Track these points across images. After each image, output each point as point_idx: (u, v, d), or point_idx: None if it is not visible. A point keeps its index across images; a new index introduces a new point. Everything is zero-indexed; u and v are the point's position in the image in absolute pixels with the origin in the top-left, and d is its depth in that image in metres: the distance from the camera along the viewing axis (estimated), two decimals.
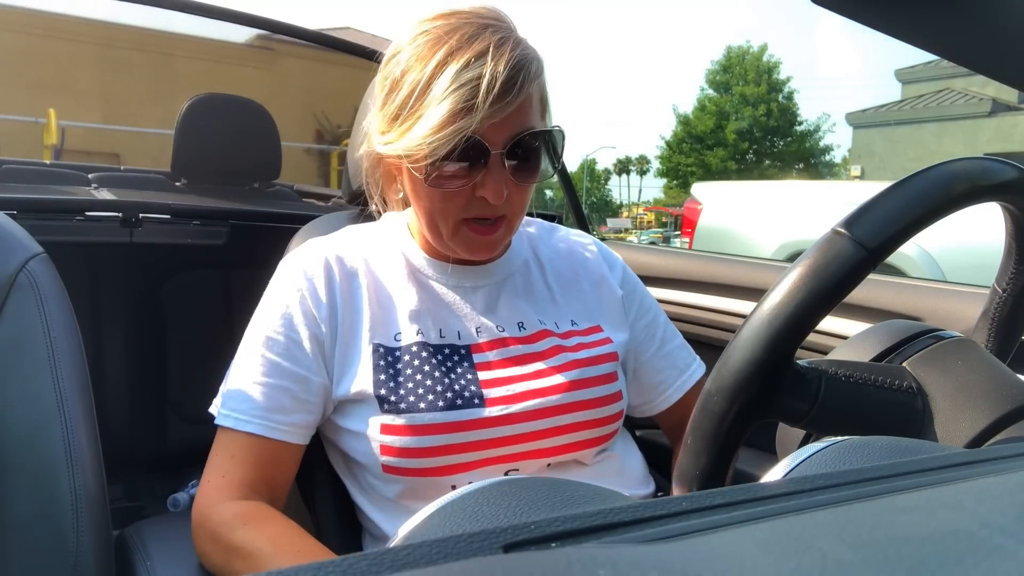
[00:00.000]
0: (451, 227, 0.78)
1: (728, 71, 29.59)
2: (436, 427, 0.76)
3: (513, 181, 0.75)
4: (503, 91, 0.70)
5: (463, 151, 0.72)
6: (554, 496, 0.36)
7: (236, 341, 0.82)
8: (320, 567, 0.20)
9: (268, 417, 0.76)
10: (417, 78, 0.72)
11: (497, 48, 0.70)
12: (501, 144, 0.73)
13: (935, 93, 18.26)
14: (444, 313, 0.83)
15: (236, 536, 0.72)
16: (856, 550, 0.20)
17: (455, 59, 0.70)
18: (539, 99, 0.77)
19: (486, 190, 0.74)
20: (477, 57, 0.70)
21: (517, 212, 0.80)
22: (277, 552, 0.71)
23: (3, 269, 0.69)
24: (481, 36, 0.71)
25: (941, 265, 3.25)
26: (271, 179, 2.10)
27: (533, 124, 0.75)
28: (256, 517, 0.74)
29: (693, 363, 0.97)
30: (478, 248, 0.80)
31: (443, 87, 0.70)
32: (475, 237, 0.78)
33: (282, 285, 0.82)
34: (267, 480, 0.78)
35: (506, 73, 0.69)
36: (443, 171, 0.73)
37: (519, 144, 0.74)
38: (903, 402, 0.56)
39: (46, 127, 6.18)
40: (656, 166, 34.67)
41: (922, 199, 0.52)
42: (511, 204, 0.77)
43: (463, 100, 0.69)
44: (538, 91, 0.76)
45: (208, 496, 0.76)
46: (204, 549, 0.75)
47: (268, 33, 3.82)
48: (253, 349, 0.79)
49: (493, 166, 0.74)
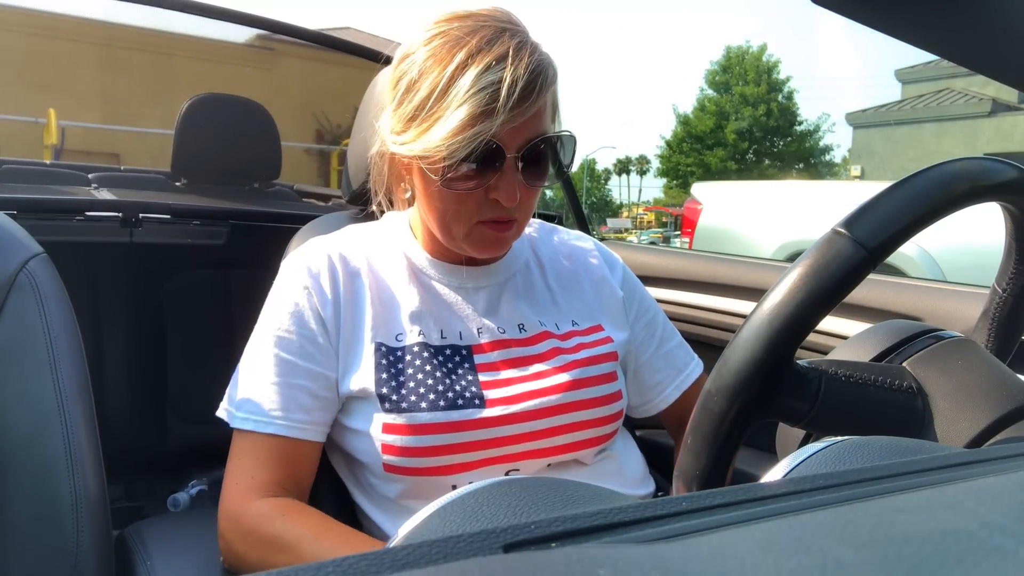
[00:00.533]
0: (465, 228, 0.78)
1: (728, 71, 29.60)
2: (437, 427, 0.76)
3: (525, 184, 0.76)
4: (523, 96, 0.70)
5: (480, 154, 0.72)
6: (554, 496, 0.36)
7: (236, 341, 0.82)
8: (320, 567, 0.20)
9: (288, 417, 0.77)
10: (436, 80, 0.72)
11: (516, 52, 0.71)
12: (516, 148, 0.74)
13: (935, 93, 18.27)
14: (446, 314, 0.83)
15: (276, 527, 0.73)
16: (856, 550, 0.20)
17: (475, 62, 0.70)
18: (552, 104, 0.78)
19: (500, 193, 0.74)
20: (498, 61, 0.70)
21: (526, 214, 0.80)
22: (321, 536, 0.72)
23: (3, 269, 0.69)
24: (500, 40, 0.72)
25: (941, 265, 3.25)
26: (271, 179, 2.10)
27: (546, 129, 0.76)
28: (293, 509, 0.75)
29: (691, 362, 0.97)
30: (491, 245, 0.80)
31: (464, 90, 0.70)
32: (491, 234, 0.78)
33: (288, 284, 0.82)
34: (294, 478, 0.78)
35: (526, 78, 0.70)
36: (458, 173, 0.74)
37: (533, 148, 0.75)
38: (903, 402, 0.56)
39: (46, 127, 6.19)
40: (656, 166, 34.71)
41: (922, 199, 0.51)
42: (521, 207, 0.78)
43: (484, 104, 0.70)
44: (551, 97, 0.77)
45: (238, 496, 0.76)
46: (238, 548, 0.75)
47: (268, 33, 3.82)
48: (264, 350, 0.79)
49: (507, 169, 0.74)
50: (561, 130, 0.79)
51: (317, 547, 0.71)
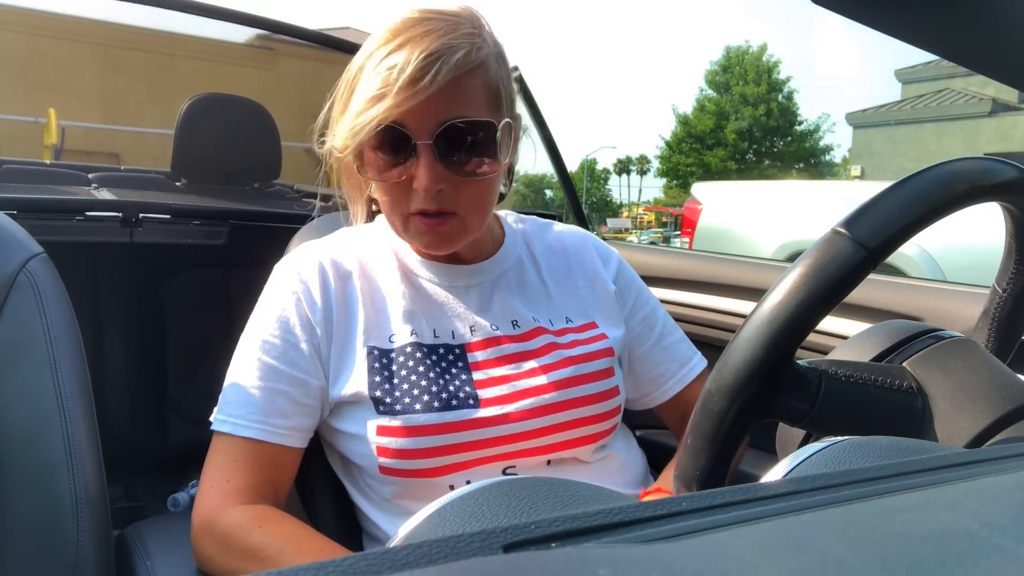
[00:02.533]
0: (401, 221, 0.78)
1: (728, 71, 29.60)
2: (431, 428, 0.76)
3: (450, 174, 0.74)
4: (415, 77, 0.70)
5: (387, 140, 0.73)
6: (554, 496, 0.36)
7: (236, 341, 0.82)
8: (320, 567, 0.20)
9: (266, 421, 0.76)
10: (350, 71, 0.76)
11: (421, 38, 0.71)
12: (426, 133, 0.73)
13: (935, 93, 18.27)
14: (438, 313, 0.83)
15: (253, 538, 0.71)
16: (856, 550, 0.20)
17: (380, 51, 0.73)
18: (484, 90, 0.75)
19: (416, 180, 0.74)
20: (399, 47, 0.71)
21: (470, 209, 0.77)
22: (300, 551, 0.71)
23: (3, 269, 0.69)
24: (414, 28, 0.72)
25: (941, 265, 3.25)
26: (271, 179, 2.10)
27: (465, 114, 0.74)
28: (270, 519, 0.74)
29: (694, 357, 0.97)
30: (430, 242, 0.79)
31: (366, 76, 0.73)
32: (424, 229, 0.77)
33: (277, 289, 0.82)
34: (271, 483, 0.78)
35: (419, 60, 0.70)
36: (374, 161, 0.75)
37: (448, 134, 0.73)
38: (903, 402, 0.56)
39: (46, 127, 6.19)
40: (656, 166, 34.70)
41: (922, 199, 0.51)
42: (459, 200, 0.76)
43: (378, 87, 0.71)
44: (480, 83, 0.75)
45: (213, 501, 0.75)
46: (210, 554, 0.74)
47: (268, 33, 3.82)
48: (249, 354, 0.79)
49: (422, 155, 0.73)
50: (494, 117, 0.77)
51: (295, 561, 0.69)
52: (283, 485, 0.79)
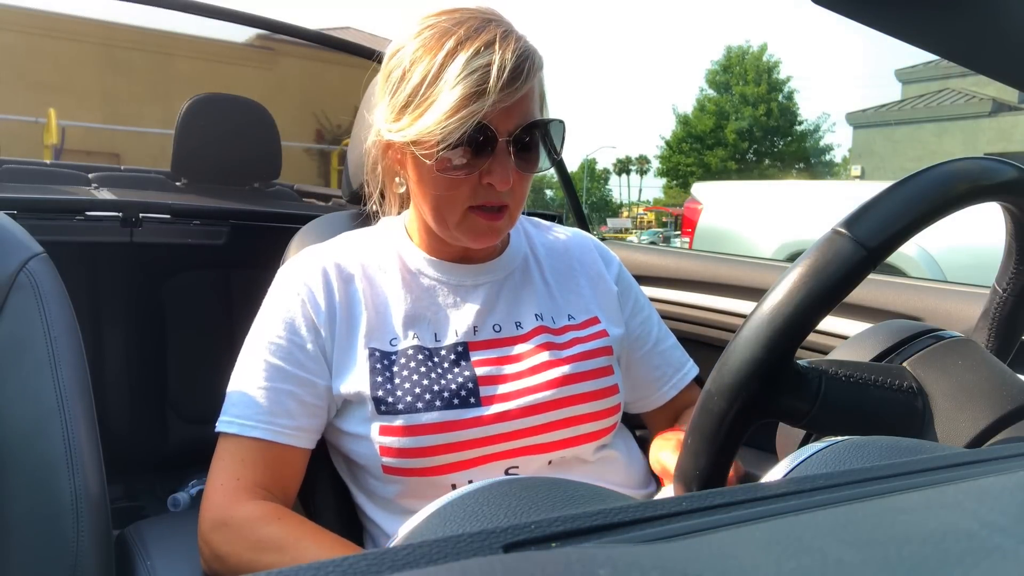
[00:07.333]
0: (458, 215, 0.79)
1: (728, 71, 29.61)
2: (434, 427, 0.76)
3: (517, 170, 0.77)
4: (512, 77, 0.72)
5: (473, 137, 0.74)
6: (554, 496, 0.36)
7: (237, 341, 0.82)
8: (320, 567, 0.20)
9: (273, 422, 0.77)
10: (428, 67, 0.74)
11: (503, 38, 0.73)
12: (508, 132, 0.75)
13: (935, 93, 18.27)
14: (441, 314, 0.84)
15: (271, 530, 0.72)
16: (856, 550, 0.20)
17: (464, 48, 0.73)
18: (539, 93, 0.79)
19: (493, 176, 0.75)
20: (486, 46, 0.73)
21: (519, 202, 0.81)
22: (318, 542, 0.71)
23: (3, 269, 0.69)
24: (487, 28, 0.74)
25: (941, 265, 3.25)
26: (271, 179, 2.10)
27: (535, 114, 0.78)
28: (287, 514, 0.75)
29: (687, 363, 0.99)
30: (484, 235, 0.80)
31: (455, 73, 0.72)
32: (482, 223, 0.79)
33: (282, 292, 0.83)
34: (280, 483, 0.78)
35: (514, 60, 0.72)
36: (452, 157, 0.75)
37: (524, 133, 0.76)
38: (903, 402, 0.56)
39: (46, 127, 6.18)
40: (656, 166, 34.70)
41: (922, 199, 0.51)
42: (514, 193, 0.79)
43: (475, 85, 0.71)
44: (538, 85, 0.79)
45: (224, 498, 0.75)
46: (224, 552, 0.74)
47: (268, 33, 3.82)
48: (255, 356, 0.79)
49: (499, 153, 0.75)
50: (550, 117, 0.81)
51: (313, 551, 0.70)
52: (291, 487, 0.80)
